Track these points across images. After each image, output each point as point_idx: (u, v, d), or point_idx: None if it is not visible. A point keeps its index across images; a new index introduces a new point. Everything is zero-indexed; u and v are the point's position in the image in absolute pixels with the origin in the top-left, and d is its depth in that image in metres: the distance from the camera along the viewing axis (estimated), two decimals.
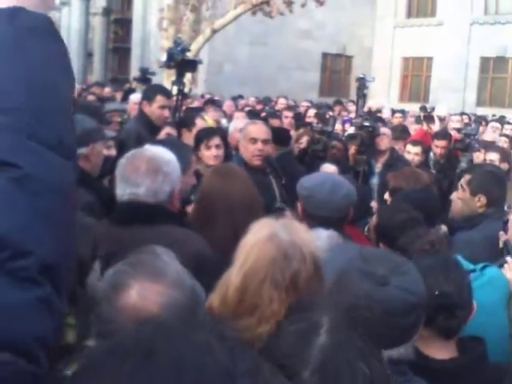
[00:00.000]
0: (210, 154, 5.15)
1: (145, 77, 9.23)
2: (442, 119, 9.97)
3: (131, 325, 1.55)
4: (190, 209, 3.74)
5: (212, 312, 2.01)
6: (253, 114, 8.92)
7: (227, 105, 12.22)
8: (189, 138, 5.82)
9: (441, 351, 2.31)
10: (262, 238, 2.11)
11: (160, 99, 5.98)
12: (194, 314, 1.74)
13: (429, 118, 9.92)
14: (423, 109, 12.34)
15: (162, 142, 3.51)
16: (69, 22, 37.24)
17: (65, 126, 1.05)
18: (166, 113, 6.04)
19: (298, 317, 1.49)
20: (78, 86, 17.85)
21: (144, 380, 0.75)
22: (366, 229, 4.21)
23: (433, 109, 12.69)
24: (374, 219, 3.95)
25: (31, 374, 0.89)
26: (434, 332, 2.29)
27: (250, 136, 5.15)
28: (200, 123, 6.19)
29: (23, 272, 0.91)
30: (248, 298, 2.05)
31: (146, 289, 1.70)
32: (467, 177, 4.55)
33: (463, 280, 2.39)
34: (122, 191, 2.85)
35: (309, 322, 1.46)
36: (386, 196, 4.94)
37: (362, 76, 8.56)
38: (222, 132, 6.07)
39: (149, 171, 2.82)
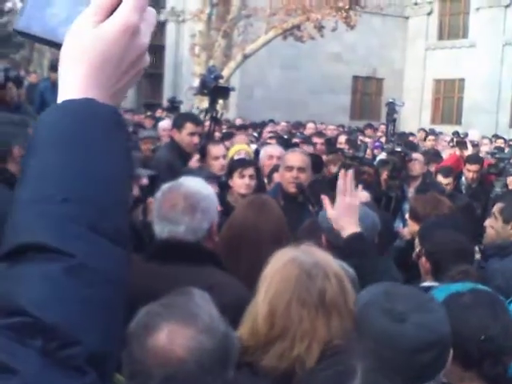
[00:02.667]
0: (243, 182, 5.18)
1: (173, 106, 9.36)
2: (475, 145, 9.90)
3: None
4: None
5: (241, 344, 2.00)
6: (282, 141, 8.92)
7: (267, 130, 12.22)
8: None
9: None
10: (283, 263, 2.12)
11: (189, 126, 6.02)
12: (224, 360, 1.73)
13: (462, 144, 9.85)
14: (456, 134, 12.28)
15: (186, 172, 3.49)
16: None
17: (123, 218, 1.07)
18: (196, 139, 6.08)
19: (331, 361, 1.47)
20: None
21: None
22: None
23: (466, 134, 12.61)
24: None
25: None
26: (476, 375, 2.24)
27: (286, 164, 5.26)
28: (215, 150, 6.21)
29: (71, 361, 0.92)
30: (278, 321, 2.04)
31: (176, 332, 1.69)
32: (499, 205, 4.52)
33: (510, 321, 2.32)
34: (161, 229, 2.82)
35: (343, 368, 1.45)
36: (406, 216, 4.94)
37: (391, 101, 8.56)
38: (256, 164, 6.10)
39: (186, 209, 2.78)
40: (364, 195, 5.63)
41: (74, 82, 1.11)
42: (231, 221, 3.52)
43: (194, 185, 2.92)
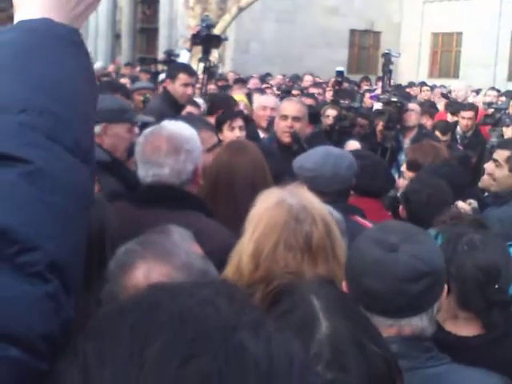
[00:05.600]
0: (233, 135, 5.11)
1: (169, 59, 9.32)
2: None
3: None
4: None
5: None
6: (284, 92, 8.80)
7: (253, 83, 12.12)
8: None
9: (466, 328, 2.26)
10: (270, 204, 2.11)
11: (182, 77, 5.97)
12: None
13: (452, 107, 9.71)
14: (445, 97, 12.18)
15: (183, 119, 3.45)
16: None
17: (84, 132, 1.07)
18: (189, 90, 6.02)
19: (284, 305, 1.42)
20: (110, 67, 17.99)
21: (144, 333, 0.75)
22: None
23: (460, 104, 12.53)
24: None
25: (34, 369, 0.88)
26: (474, 317, 2.25)
27: (281, 113, 5.22)
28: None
29: (31, 267, 0.90)
30: (263, 263, 2.04)
31: (152, 270, 1.67)
32: (505, 153, 4.38)
33: None
34: (145, 172, 2.80)
35: (302, 310, 1.40)
36: (403, 168, 4.90)
37: (387, 51, 8.46)
38: (243, 114, 6.03)
39: (170, 150, 2.76)
40: (356, 146, 5.62)
41: (31, 5, 1.13)
42: (210, 165, 3.48)
43: (177, 127, 2.88)
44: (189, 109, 6.01)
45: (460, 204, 3.95)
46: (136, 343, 0.74)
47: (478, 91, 15.64)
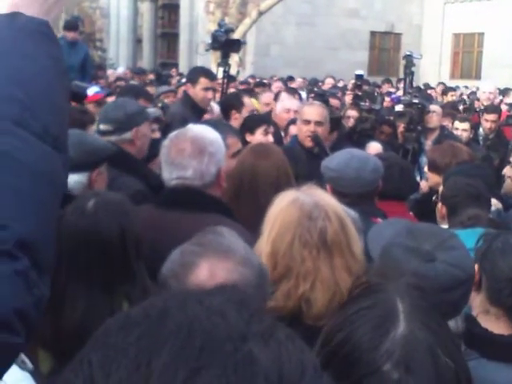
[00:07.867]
0: (267, 139, 5.11)
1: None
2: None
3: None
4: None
5: None
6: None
7: (276, 86, 12.10)
8: (238, 119, 5.80)
9: (497, 325, 2.26)
10: (284, 205, 2.17)
11: (203, 81, 5.98)
12: (264, 291, 1.76)
13: (469, 111, 9.66)
14: (462, 102, 12.08)
15: (209, 124, 3.48)
16: (118, 9, 37.54)
17: (54, 120, 1.09)
18: (210, 94, 6.04)
19: (367, 301, 1.40)
20: (126, 71, 18.10)
21: (151, 344, 0.74)
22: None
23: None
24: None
25: (10, 344, 0.92)
26: (503, 313, 2.24)
27: (303, 117, 5.21)
28: (248, 103, 6.14)
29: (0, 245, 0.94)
30: (280, 261, 2.09)
31: (216, 266, 1.70)
32: None
33: None
34: (169, 175, 2.83)
35: (383, 309, 1.37)
36: (425, 169, 4.89)
37: (408, 53, 8.42)
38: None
39: (194, 152, 2.79)
40: (377, 147, 5.61)
41: (5, 2, 1.17)
42: (233, 168, 3.50)
43: (201, 130, 2.92)
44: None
45: (494, 201, 3.97)
46: (143, 354, 0.73)
47: (503, 92, 15.49)
